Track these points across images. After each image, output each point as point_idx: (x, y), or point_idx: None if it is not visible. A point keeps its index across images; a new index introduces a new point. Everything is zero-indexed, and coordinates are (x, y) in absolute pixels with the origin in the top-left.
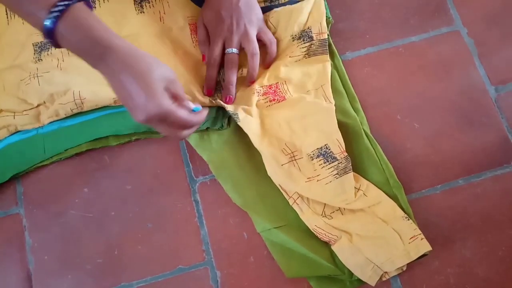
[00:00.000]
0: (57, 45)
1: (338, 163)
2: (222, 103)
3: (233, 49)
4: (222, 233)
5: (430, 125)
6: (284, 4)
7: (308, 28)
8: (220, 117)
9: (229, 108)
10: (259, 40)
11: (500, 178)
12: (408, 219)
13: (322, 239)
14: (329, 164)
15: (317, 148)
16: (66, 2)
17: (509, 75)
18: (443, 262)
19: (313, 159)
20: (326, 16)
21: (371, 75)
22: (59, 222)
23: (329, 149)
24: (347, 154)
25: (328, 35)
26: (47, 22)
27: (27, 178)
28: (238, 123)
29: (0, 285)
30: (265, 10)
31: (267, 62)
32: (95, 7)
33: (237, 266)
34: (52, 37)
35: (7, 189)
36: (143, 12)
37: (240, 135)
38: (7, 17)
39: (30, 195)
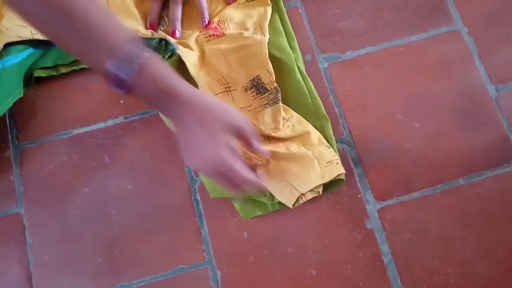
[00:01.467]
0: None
1: (269, 94)
2: (164, 34)
3: None
4: (222, 233)
5: (430, 124)
6: None
7: None
8: (162, 50)
9: (171, 40)
10: None
11: (500, 178)
12: (330, 148)
13: (248, 164)
14: (261, 95)
15: (251, 80)
16: (145, 55)
17: (509, 74)
18: (443, 262)
19: (247, 91)
20: None
21: (371, 75)
22: (59, 221)
23: (261, 80)
24: (277, 85)
25: None
26: (125, 76)
27: (27, 178)
28: (177, 51)
29: (0, 285)
30: None
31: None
32: None
33: (237, 265)
34: (123, 88)
35: (7, 189)
36: None
37: (180, 66)
38: None
39: (30, 195)
